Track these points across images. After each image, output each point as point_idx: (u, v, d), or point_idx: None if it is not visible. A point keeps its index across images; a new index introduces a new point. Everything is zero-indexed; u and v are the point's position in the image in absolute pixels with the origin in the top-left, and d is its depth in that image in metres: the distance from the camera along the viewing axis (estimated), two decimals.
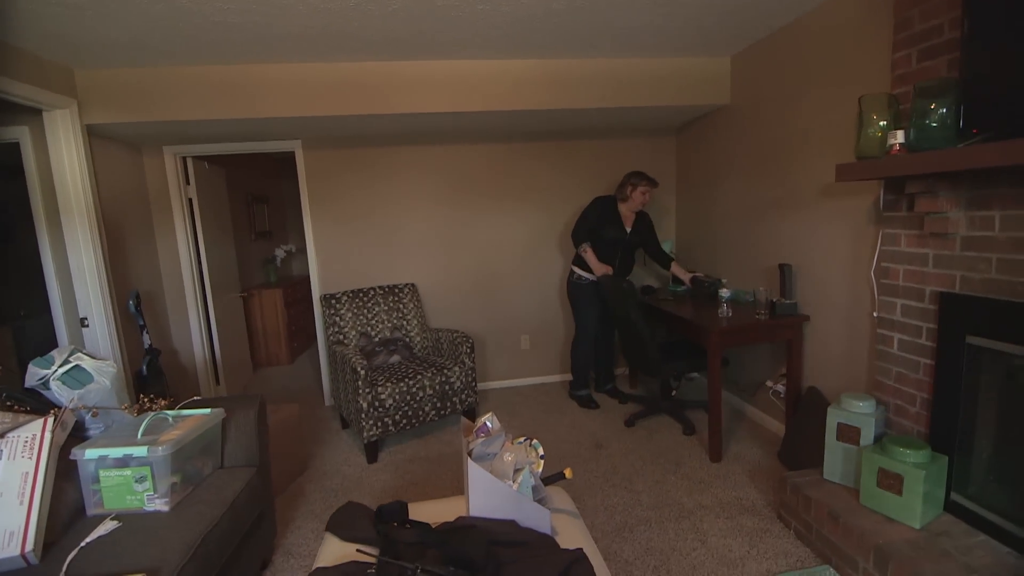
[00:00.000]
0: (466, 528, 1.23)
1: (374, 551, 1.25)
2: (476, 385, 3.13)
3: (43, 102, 2.44)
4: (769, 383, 2.91)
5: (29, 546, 1.26)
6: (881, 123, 1.81)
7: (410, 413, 2.87)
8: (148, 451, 1.47)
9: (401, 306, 3.48)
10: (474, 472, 1.30)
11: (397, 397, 2.80)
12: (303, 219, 3.59)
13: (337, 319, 3.26)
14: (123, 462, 1.48)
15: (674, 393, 3.20)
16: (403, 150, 3.63)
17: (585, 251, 3.23)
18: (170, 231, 3.47)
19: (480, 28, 2.43)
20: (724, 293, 2.74)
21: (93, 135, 2.82)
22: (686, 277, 3.32)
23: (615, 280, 2.97)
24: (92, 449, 1.47)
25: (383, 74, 2.83)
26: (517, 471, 1.33)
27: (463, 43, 2.60)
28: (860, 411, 1.95)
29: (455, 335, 3.16)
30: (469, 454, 1.37)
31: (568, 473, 1.45)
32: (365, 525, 1.39)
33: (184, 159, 3.49)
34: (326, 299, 3.28)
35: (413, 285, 3.60)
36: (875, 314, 2.09)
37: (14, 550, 1.24)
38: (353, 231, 3.65)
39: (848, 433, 1.96)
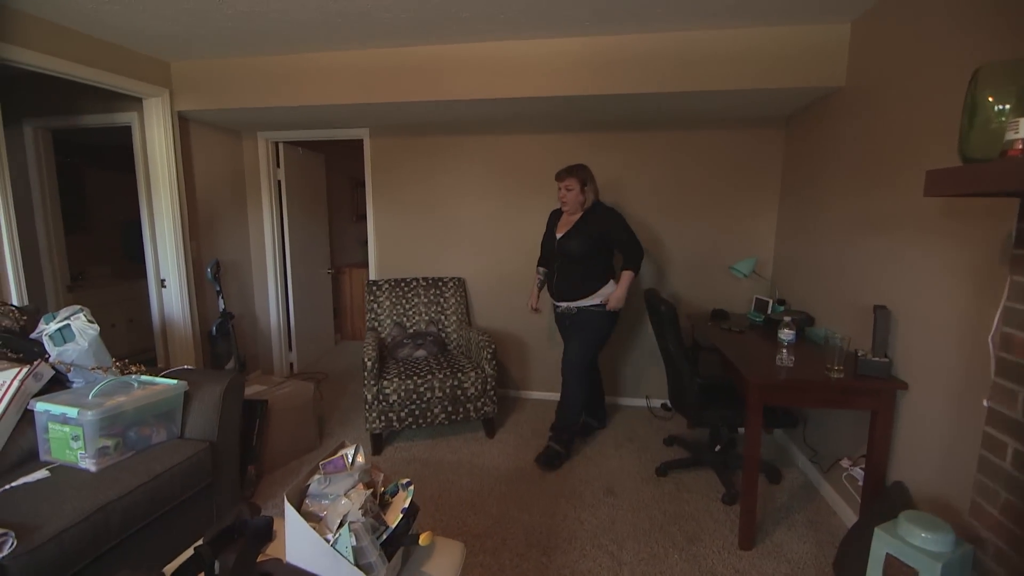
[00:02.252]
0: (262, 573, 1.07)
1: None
2: (495, 394, 2.91)
3: (143, 92, 2.83)
4: (845, 462, 2.18)
5: None
6: (1005, 106, 1.14)
7: (417, 412, 2.77)
8: (78, 413, 1.58)
9: (442, 300, 3.39)
10: (289, 514, 1.12)
11: (403, 394, 2.72)
12: (366, 206, 3.70)
13: (375, 306, 3.30)
14: (61, 419, 1.61)
15: (718, 449, 2.60)
16: (463, 139, 3.51)
17: (537, 274, 3.01)
18: (259, 208, 3.85)
19: None
20: (786, 334, 2.11)
21: (191, 121, 3.23)
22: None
23: (653, 298, 2.48)
24: (42, 403, 1.63)
25: (443, 58, 2.72)
26: (343, 525, 1.11)
27: (528, 17, 2.35)
28: (924, 545, 1.31)
29: (480, 337, 2.97)
30: (303, 490, 1.19)
31: (424, 539, 1.18)
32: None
33: (276, 144, 3.83)
34: (369, 285, 3.34)
35: (461, 279, 3.49)
36: (986, 403, 1.38)
37: None
38: (409, 220, 3.65)
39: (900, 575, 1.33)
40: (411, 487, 1.27)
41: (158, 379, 1.91)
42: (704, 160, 3.25)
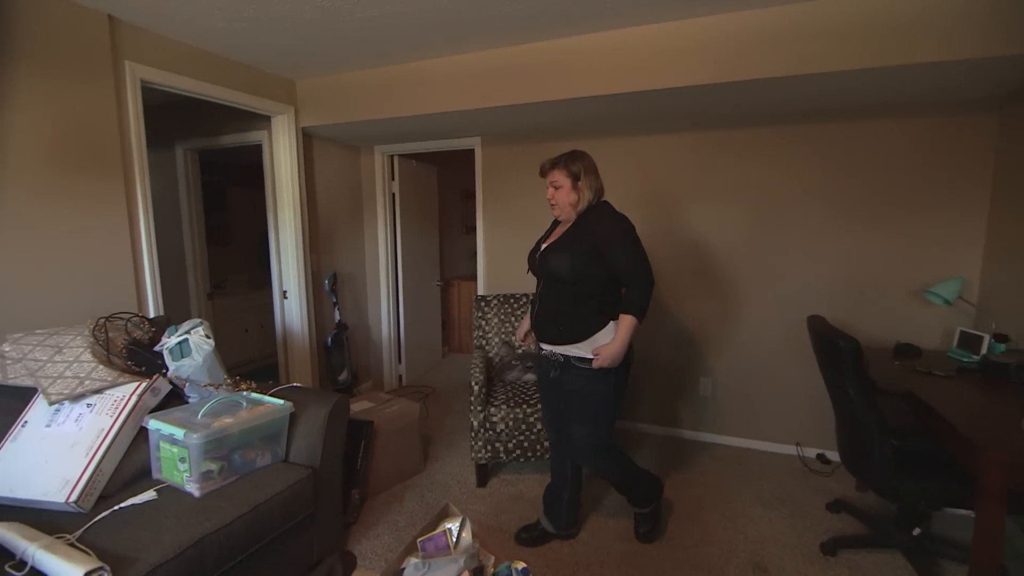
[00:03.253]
0: None
1: None
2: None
3: (271, 110, 2.93)
4: None
5: (74, 497, 1.42)
6: None
7: (525, 444, 2.50)
8: (184, 435, 1.52)
9: None
10: None
11: (511, 423, 2.47)
12: (476, 217, 3.55)
13: (483, 323, 3.11)
14: (170, 439, 1.57)
15: (916, 532, 1.97)
16: (579, 145, 3.20)
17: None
18: (374, 221, 3.88)
19: None
20: None
21: (314, 137, 3.32)
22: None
23: (821, 327, 1.93)
24: (154, 421, 1.60)
25: (563, 53, 2.46)
26: None
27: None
28: None
29: None
30: (398, 574, 0.95)
31: None
32: None
33: (391, 157, 3.84)
34: (477, 301, 3.16)
35: None
36: None
37: (61, 497, 1.41)
38: (520, 231, 3.43)
39: None
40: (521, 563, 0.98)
41: (266, 398, 1.84)
42: (875, 158, 2.62)
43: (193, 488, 1.55)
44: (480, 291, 3.58)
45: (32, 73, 1.87)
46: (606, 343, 1.78)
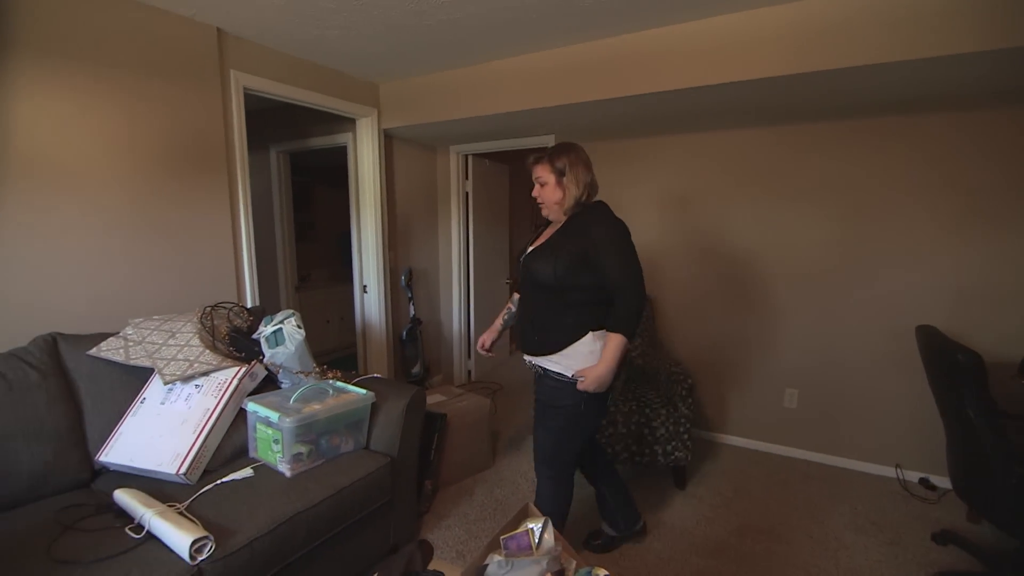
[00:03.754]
0: None
1: None
2: (690, 439, 2.44)
3: (357, 113, 3.07)
4: None
5: (183, 468, 1.55)
6: None
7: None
8: (279, 418, 1.63)
9: None
10: None
11: None
12: None
13: None
14: (266, 421, 1.68)
15: None
16: (655, 140, 3.11)
17: (509, 304, 2.05)
18: (448, 219, 3.97)
19: None
20: None
21: (394, 138, 3.44)
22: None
23: (934, 340, 1.73)
24: (252, 403, 1.72)
25: (632, 49, 2.39)
26: None
27: None
28: None
29: (674, 369, 2.53)
30: (480, 571, 0.96)
31: None
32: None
33: (466, 156, 3.91)
34: None
35: (649, 297, 3.07)
36: None
37: (172, 469, 1.55)
38: None
39: None
40: None
41: (350, 387, 1.93)
42: (995, 152, 2.32)
43: (285, 468, 1.65)
44: None
45: (150, 81, 2.07)
46: (590, 365, 1.58)
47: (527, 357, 1.75)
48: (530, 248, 1.77)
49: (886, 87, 2.22)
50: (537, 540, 0.98)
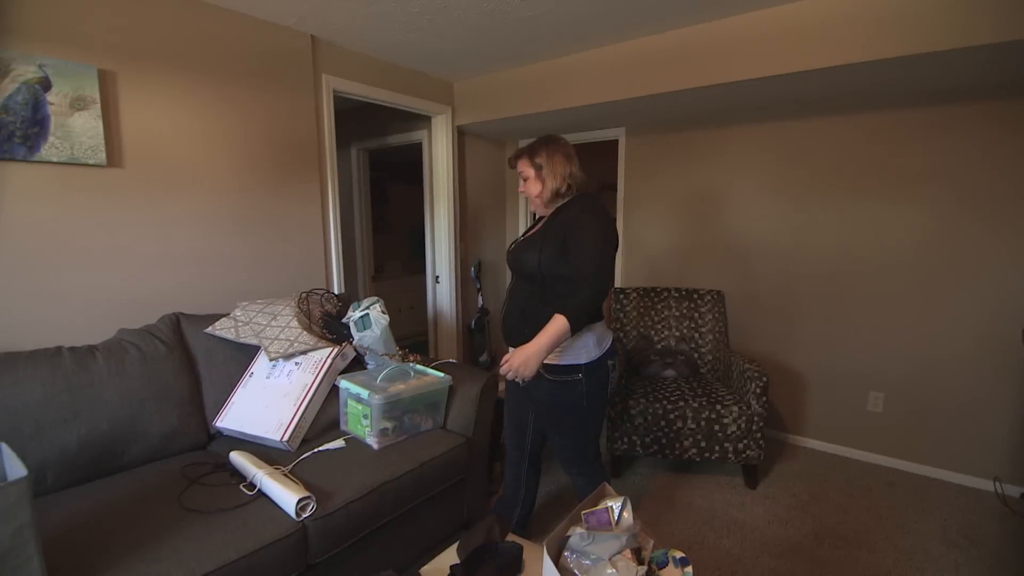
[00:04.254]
0: None
1: None
2: (763, 437, 2.38)
3: (432, 111, 3.21)
4: None
5: (286, 436, 1.73)
6: None
7: (663, 441, 2.46)
8: (369, 395, 1.77)
9: (697, 315, 2.98)
10: (547, 569, 0.96)
11: (649, 417, 2.44)
12: (616, 209, 3.52)
13: (621, 315, 3.09)
14: (356, 398, 1.83)
15: None
16: (732, 131, 3.02)
17: None
18: (515, 212, 4.05)
19: None
20: None
21: (466, 134, 3.56)
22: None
23: None
24: (344, 381, 1.88)
25: (707, 38, 2.36)
26: None
27: None
28: None
29: (747, 367, 2.47)
30: (561, 546, 1.02)
31: None
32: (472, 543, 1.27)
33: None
34: (616, 293, 3.15)
35: (719, 293, 3.01)
36: None
37: (277, 436, 1.73)
38: (662, 224, 3.33)
39: None
40: (689, 568, 0.98)
41: (429, 370, 2.05)
42: None
43: (373, 441, 1.79)
44: (617, 284, 3.56)
45: (253, 87, 2.28)
46: (585, 357, 1.56)
47: (513, 350, 1.63)
48: (520, 240, 1.75)
49: (997, 69, 2.05)
50: (616, 518, 1.03)
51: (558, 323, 1.44)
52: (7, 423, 1.45)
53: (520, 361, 1.48)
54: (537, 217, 1.80)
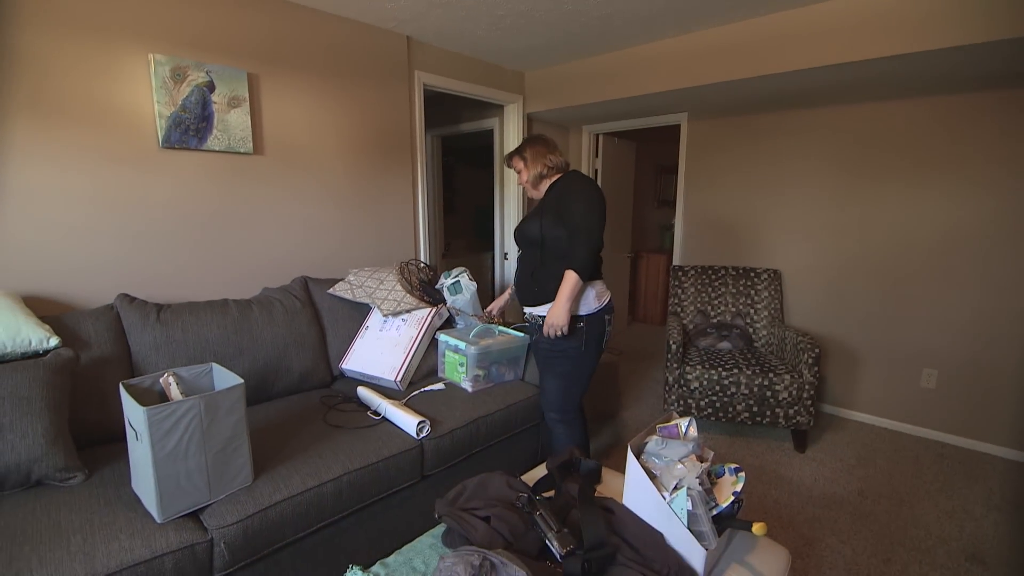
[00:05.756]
0: (595, 509, 1.23)
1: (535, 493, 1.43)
2: (813, 404, 2.57)
3: (505, 100, 3.49)
4: None
5: (398, 377, 2.10)
6: None
7: (718, 405, 2.69)
8: (465, 347, 2.11)
9: (752, 292, 3.15)
10: (631, 464, 1.25)
11: (705, 383, 2.67)
12: (677, 190, 3.70)
13: (680, 291, 3.30)
14: (455, 349, 2.18)
15: None
16: (790, 114, 3.13)
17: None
18: None
19: None
20: None
21: (535, 120, 3.82)
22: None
23: None
24: (443, 335, 2.23)
25: (768, 29, 2.51)
26: (678, 488, 1.18)
27: None
28: None
29: (800, 339, 2.65)
30: (640, 449, 1.31)
31: (759, 529, 1.15)
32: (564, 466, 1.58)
33: (597, 136, 4.18)
34: (674, 270, 3.36)
35: (776, 272, 3.17)
36: None
37: (391, 376, 2.10)
38: (721, 204, 3.49)
39: None
40: (742, 473, 1.25)
41: (509, 330, 2.37)
42: None
43: (468, 385, 2.14)
44: (676, 262, 3.76)
45: (357, 83, 2.63)
46: (587, 308, 1.88)
47: (528, 310, 2.04)
48: (523, 219, 2.11)
49: None
50: (684, 431, 1.30)
51: (570, 277, 1.80)
52: (201, 351, 1.88)
53: (553, 320, 1.83)
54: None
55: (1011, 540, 2.00)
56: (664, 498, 1.18)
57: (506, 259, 3.87)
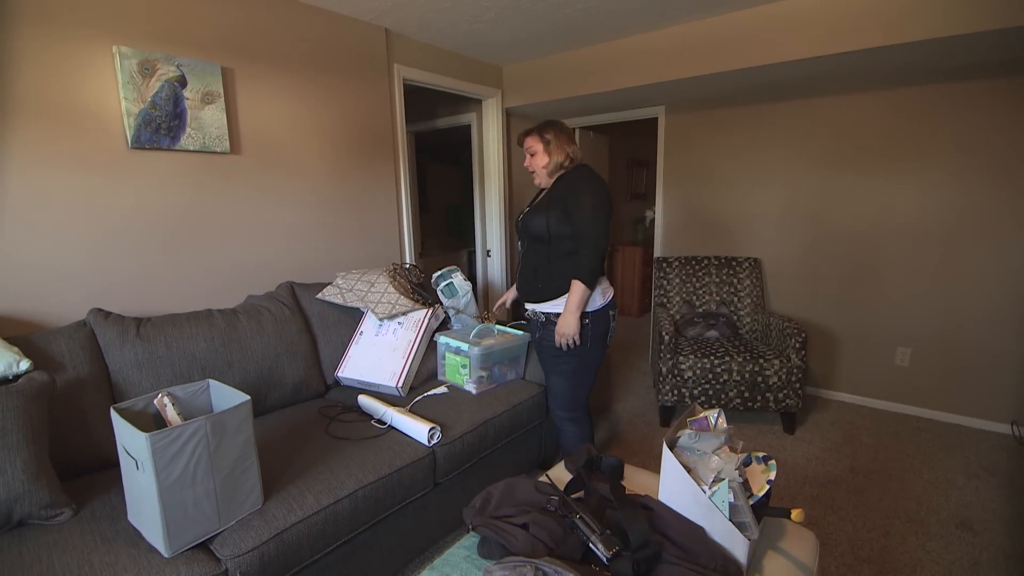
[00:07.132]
0: (636, 507, 1.21)
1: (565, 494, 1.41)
2: (801, 387, 2.65)
3: (483, 95, 3.43)
4: None
5: (400, 383, 2.02)
6: None
7: (710, 392, 2.74)
8: (468, 348, 2.05)
9: (735, 281, 3.23)
10: (668, 460, 1.24)
11: (698, 371, 2.71)
12: (656, 182, 3.74)
13: (664, 283, 3.34)
14: (456, 350, 2.12)
15: None
16: (766, 107, 3.21)
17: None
18: None
19: None
20: None
21: (513, 115, 3.77)
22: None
23: None
24: (442, 336, 2.17)
25: (746, 23, 2.56)
26: (718, 480, 1.17)
27: None
28: None
29: (786, 324, 2.73)
30: (673, 443, 1.30)
31: (797, 515, 1.16)
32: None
33: (575, 130, 4.17)
34: (658, 262, 3.40)
35: (756, 260, 3.25)
36: None
37: (392, 383, 2.03)
38: (701, 196, 3.55)
39: None
40: (772, 461, 1.26)
41: (508, 329, 2.33)
42: None
43: (471, 387, 2.09)
44: (657, 254, 3.80)
45: (334, 78, 2.51)
46: (589, 306, 1.84)
47: (530, 306, 2.00)
48: (527, 210, 2.00)
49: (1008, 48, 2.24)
50: (714, 423, 1.31)
51: (578, 288, 1.77)
52: (188, 367, 1.75)
53: (564, 330, 1.82)
54: (540, 190, 2.05)
55: (994, 506, 2.12)
56: (704, 491, 1.17)
57: (489, 256, 3.81)
